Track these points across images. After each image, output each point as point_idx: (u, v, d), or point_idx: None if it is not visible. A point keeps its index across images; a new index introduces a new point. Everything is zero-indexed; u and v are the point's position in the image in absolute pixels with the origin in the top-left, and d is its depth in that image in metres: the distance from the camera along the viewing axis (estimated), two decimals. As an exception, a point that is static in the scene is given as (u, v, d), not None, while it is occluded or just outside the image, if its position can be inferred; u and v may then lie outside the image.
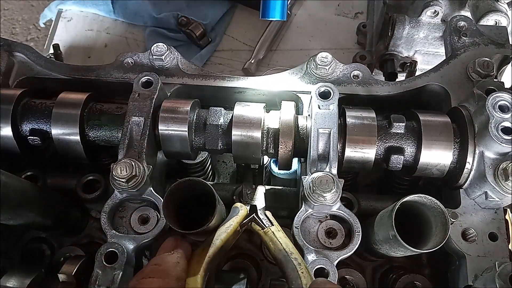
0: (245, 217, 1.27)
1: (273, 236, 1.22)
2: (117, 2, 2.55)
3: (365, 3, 2.57)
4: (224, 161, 1.95)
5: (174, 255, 1.12)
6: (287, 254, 1.16)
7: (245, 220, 1.26)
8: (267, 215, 1.29)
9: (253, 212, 1.29)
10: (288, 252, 1.16)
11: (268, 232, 1.24)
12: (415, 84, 1.55)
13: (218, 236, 1.18)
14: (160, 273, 1.05)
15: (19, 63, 1.65)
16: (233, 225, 1.22)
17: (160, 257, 1.12)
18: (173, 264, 1.09)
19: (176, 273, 1.07)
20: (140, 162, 1.31)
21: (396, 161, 1.38)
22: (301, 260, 1.16)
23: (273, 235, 1.22)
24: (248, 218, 1.27)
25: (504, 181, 1.25)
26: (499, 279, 1.07)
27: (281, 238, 1.21)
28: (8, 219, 1.27)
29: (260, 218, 1.27)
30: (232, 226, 1.21)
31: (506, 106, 1.26)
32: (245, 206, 1.29)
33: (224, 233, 1.19)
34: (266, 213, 1.30)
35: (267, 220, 1.27)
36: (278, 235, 1.22)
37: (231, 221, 1.23)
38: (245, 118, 1.41)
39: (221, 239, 1.17)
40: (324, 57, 1.55)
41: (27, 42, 4.07)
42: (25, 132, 1.49)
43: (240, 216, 1.25)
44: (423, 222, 1.24)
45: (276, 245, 1.19)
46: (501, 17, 1.71)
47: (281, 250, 1.17)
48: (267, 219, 1.28)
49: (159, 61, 1.58)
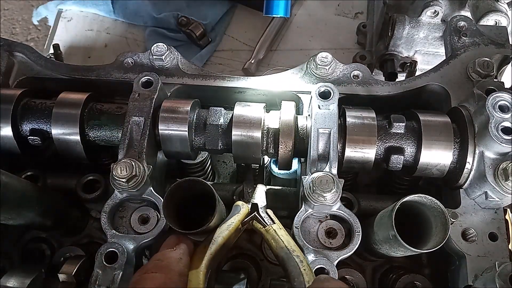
0: (247, 215, 1.27)
1: (275, 234, 1.22)
2: (117, 2, 2.55)
3: (365, 3, 2.57)
4: (224, 161, 1.95)
5: (177, 251, 1.12)
6: (289, 252, 1.16)
7: (246, 218, 1.27)
8: (268, 213, 1.30)
9: (254, 210, 1.29)
10: (290, 249, 1.17)
11: (269, 230, 1.24)
12: (415, 84, 1.55)
13: (219, 234, 1.18)
14: (162, 269, 1.06)
15: (19, 63, 1.65)
16: (235, 223, 1.22)
17: (162, 253, 1.13)
18: (176, 259, 1.09)
19: (179, 268, 1.08)
20: (140, 162, 1.31)
21: (396, 161, 1.38)
22: (303, 258, 1.16)
23: (274, 233, 1.22)
24: (249, 216, 1.27)
25: (504, 181, 1.25)
26: (499, 279, 1.07)
27: (283, 236, 1.21)
28: (8, 219, 1.27)
29: (262, 216, 1.27)
30: (233, 224, 1.22)
31: (506, 106, 1.26)
32: (246, 204, 1.29)
33: (226, 230, 1.19)
34: (267, 211, 1.30)
35: (269, 218, 1.28)
36: (280, 233, 1.22)
37: (233, 219, 1.23)
38: (245, 118, 1.41)
39: (223, 237, 1.18)
40: (324, 57, 1.55)
41: (27, 42, 4.06)
42: (25, 132, 1.49)
43: (242, 214, 1.26)
44: (423, 222, 1.24)
45: (278, 243, 1.20)
46: (501, 17, 1.70)
47: (283, 248, 1.18)
48: (269, 217, 1.28)
49: (159, 61, 1.58)
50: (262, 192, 1.37)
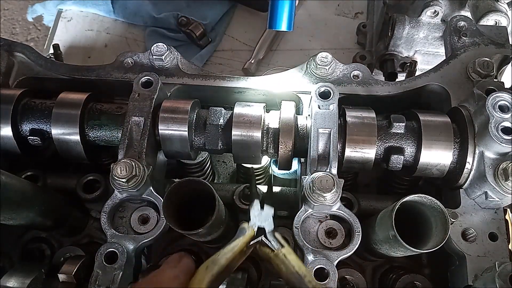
0: (252, 238, 1.20)
1: (285, 258, 1.16)
2: (117, 2, 2.54)
3: (365, 3, 2.57)
4: (224, 161, 1.95)
5: (175, 269, 1.11)
6: (300, 277, 1.11)
7: (252, 241, 1.20)
8: (276, 237, 1.21)
9: (260, 234, 1.21)
10: (302, 275, 1.12)
11: (278, 255, 1.17)
12: (415, 84, 1.55)
13: (223, 255, 1.13)
14: (156, 285, 1.06)
15: (19, 63, 1.65)
16: (239, 245, 1.16)
17: (160, 269, 1.12)
18: (172, 277, 1.08)
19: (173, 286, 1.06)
20: (140, 162, 1.31)
21: (396, 161, 1.38)
22: (316, 283, 1.12)
23: (284, 258, 1.16)
24: (255, 240, 1.20)
25: (504, 181, 1.25)
26: (499, 279, 1.07)
27: (294, 261, 1.15)
28: (8, 219, 1.27)
29: (269, 240, 1.20)
30: (237, 246, 1.16)
31: (506, 106, 1.26)
32: (252, 228, 1.22)
33: (230, 252, 1.15)
34: (276, 235, 1.22)
35: (277, 242, 1.20)
36: (290, 257, 1.16)
37: (238, 241, 1.17)
38: (245, 118, 1.41)
39: (226, 258, 1.13)
40: (324, 57, 1.55)
41: (27, 42, 4.07)
42: (25, 132, 1.49)
43: (247, 236, 1.19)
44: (423, 222, 1.24)
45: (288, 268, 1.14)
46: (501, 17, 1.70)
47: (293, 274, 1.12)
48: (277, 241, 1.20)
49: (159, 61, 1.58)
50: (269, 215, 1.27)
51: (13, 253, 1.56)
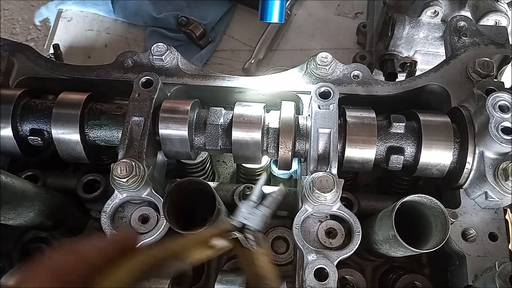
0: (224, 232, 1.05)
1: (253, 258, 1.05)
2: (117, 2, 2.54)
3: (365, 3, 2.57)
4: (224, 161, 1.95)
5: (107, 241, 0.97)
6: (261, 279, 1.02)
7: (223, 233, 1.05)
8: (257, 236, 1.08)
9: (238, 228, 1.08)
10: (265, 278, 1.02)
11: (248, 252, 1.05)
12: (415, 84, 1.55)
13: (177, 243, 0.97)
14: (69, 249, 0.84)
15: (19, 63, 1.65)
16: (202, 235, 1.03)
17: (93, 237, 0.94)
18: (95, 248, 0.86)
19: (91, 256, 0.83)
20: (140, 162, 1.31)
21: (396, 161, 1.38)
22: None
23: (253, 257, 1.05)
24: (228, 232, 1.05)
25: (504, 181, 1.25)
26: (499, 279, 1.07)
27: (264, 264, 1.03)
28: (8, 219, 1.27)
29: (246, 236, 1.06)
30: (200, 235, 1.03)
31: (506, 106, 1.26)
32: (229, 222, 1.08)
33: (187, 240, 1.01)
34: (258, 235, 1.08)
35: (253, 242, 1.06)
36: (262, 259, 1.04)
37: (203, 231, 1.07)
38: (245, 118, 1.41)
39: (178, 244, 0.97)
40: (324, 57, 1.55)
41: (27, 42, 4.06)
42: (25, 132, 1.49)
43: (217, 229, 1.05)
44: (423, 222, 1.24)
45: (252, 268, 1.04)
46: (501, 17, 1.70)
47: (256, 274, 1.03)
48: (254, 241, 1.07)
49: (159, 61, 1.58)
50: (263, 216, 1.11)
51: (13, 253, 1.56)
